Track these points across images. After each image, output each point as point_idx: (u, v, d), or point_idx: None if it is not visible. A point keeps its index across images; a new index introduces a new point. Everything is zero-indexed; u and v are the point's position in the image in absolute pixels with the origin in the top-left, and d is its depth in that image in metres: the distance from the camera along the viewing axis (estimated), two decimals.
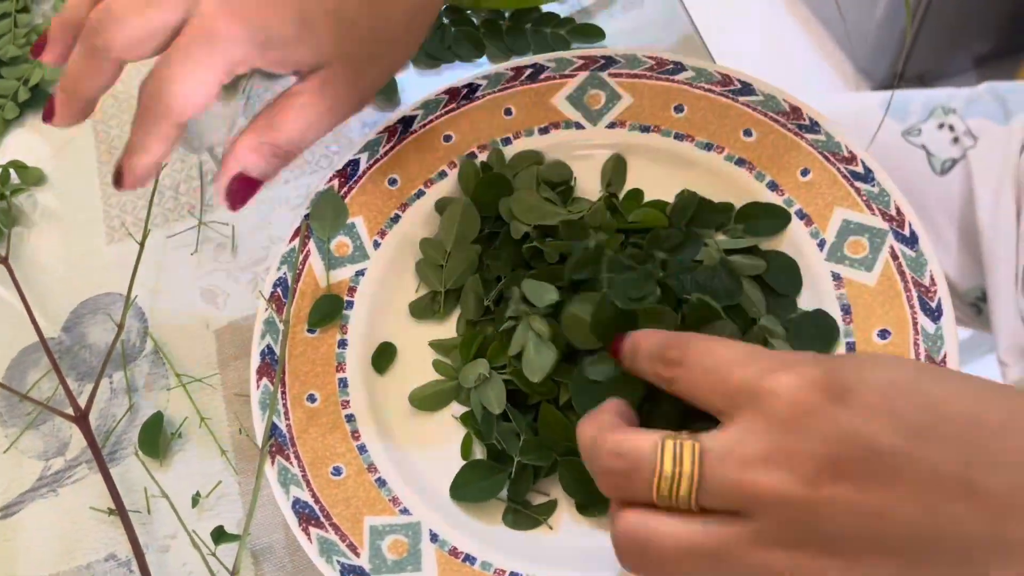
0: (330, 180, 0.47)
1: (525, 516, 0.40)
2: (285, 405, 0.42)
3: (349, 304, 0.45)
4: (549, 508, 0.41)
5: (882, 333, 0.40)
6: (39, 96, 0.57)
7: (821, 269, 0.42)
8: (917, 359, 0.38)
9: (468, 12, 0.56)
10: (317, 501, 0.40)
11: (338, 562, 0.39)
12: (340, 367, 0.44)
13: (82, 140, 0.56)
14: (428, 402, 0.43)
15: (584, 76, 0.49)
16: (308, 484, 0.41)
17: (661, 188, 0.46)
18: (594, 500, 0.40)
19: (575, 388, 0.40)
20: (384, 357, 0.44)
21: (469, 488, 0.41)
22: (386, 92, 0.54)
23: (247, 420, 0.46)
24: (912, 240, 0.41)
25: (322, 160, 0.53)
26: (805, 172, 0.44)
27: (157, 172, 0.38)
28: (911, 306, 0.39)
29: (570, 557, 0.39)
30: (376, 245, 0.46)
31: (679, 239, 0.43)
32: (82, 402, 0.47)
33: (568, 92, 0.49)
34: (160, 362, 0.48)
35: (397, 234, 0.47)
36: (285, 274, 0.45)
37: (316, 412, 0.42)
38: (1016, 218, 0.63)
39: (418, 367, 0.44)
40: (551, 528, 0.40)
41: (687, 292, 0.41)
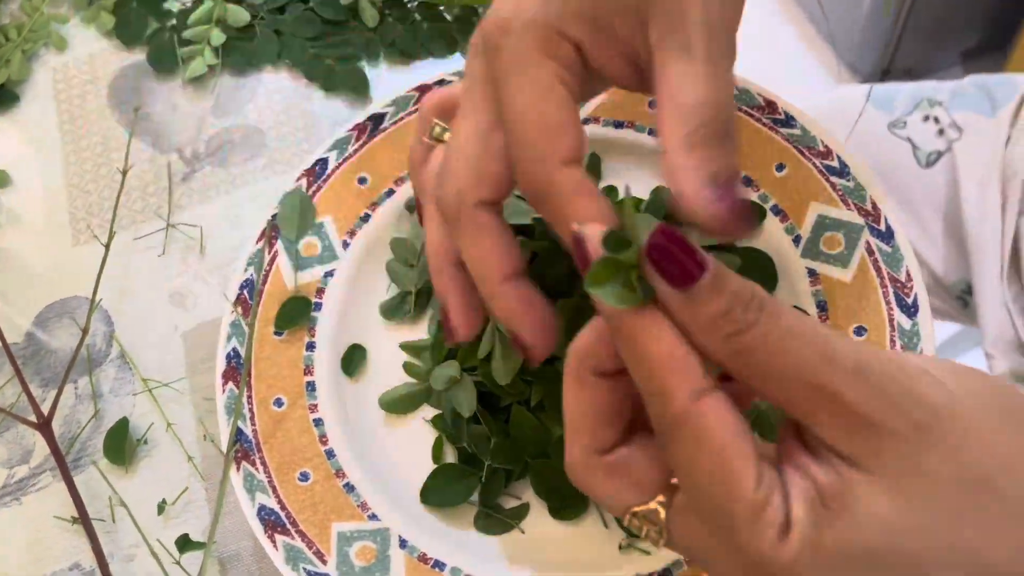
0: (298, 179, 0.46)
1: (496, 520, 0.39)
2: (251, 409, 0.41)
3: (318, 306, 0.44)
4: (521, 512, 0.40)
5: (858, 330, 0.39)
6: (4, 96, 0.56)
7: (797, 265, 0.41)
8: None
9: (441, 8, 0.55)
10: (283, 508, 0.39)
11: (305, 570, 0.38)
12: (308, 370, 0.43)
13: (48, 141, 0.54)
14: (398, 405, 0.43)
15: None
16: (274, 490, 0.40)
17: (636, 185, 0.46)
18: (567, 503, 0.39)
19: (547, 389, 0.40)
20: (353, 360, 0.43)
21: (439, 493, 0.40)
22: (357, 88, 0.54)
23: (214, 425, 0.45)
24: (888, 235, 0.40)
25: (293, 159, 0.52)
26: (780, 167, 0.43)
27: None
28: (887, 302, 0.39)
29: (543, 561, 0.39)
30: (345, 245, 0.45)
31: None
32: (46, 408, 0.46)
33: None
34: (126, 367, 0.47)
35: (367, 234, 0.46)
36: (252, 276, 0.44)
37: (283, 416, 0.41)
38: (1001, 210, 0.63)
39: (389, 370, 0.44)
40: (523, 532, 0.39)
41: None
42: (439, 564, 0.38)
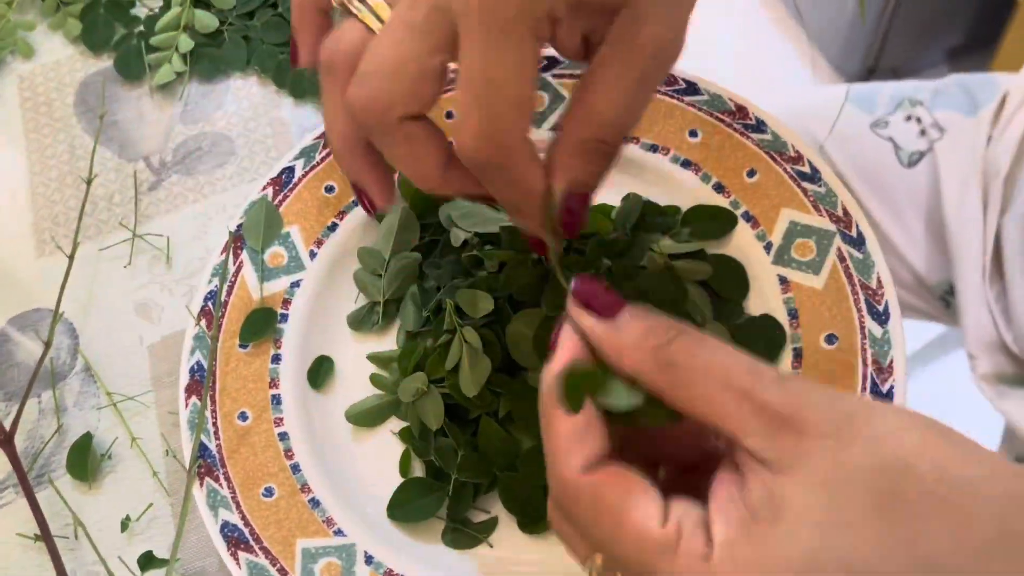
0: (264, 188, 0.46)
1: (465, 535, 0.39)
2: (215, 424, 0.41)
3: (284, 317, 0.43)
4: (490, 526, 0.39)
5: (829, 338, 0.38)
6: None
7: (768, 273, 0.41)
8: (864, 362, 0.37)
9: None
10: (247, 524, 0.39)
11: None
12: (273, 383, 0.42)
13: (13, 150, 0.54)
14: (365, 418, 0.42)
15: None
16: (238, 506, 0.39)
17: (607, 191, 0.45)
18: (536, 517, 0.39)
19: (514, 400, 0.39)
20: (320, 372, 0.43)
21: (407, 508, 0.39)
22: None
23: (179, 440, 0.44)
24: (859, 241, 0.39)
25: (262, 167, 0.51)
26: (751, 173, 0.43)
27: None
28: (858, 309, 0.38)
29: (512, 575, 0.38)
30: (312, 255, 0.45)
31: (624, 244, 0.42)
32: (8, 423, 0.45)
33: None
34: (91, 380, 0.46)
35: (334, 243, 0.45)
36: (216, 287, 0.44)
37: (247, 431, 0.41)
38: (983, 210, 0.62)
39: (356, 381, 0.43)
40: (492, 546, 0.39)
41: (630, 300, 0.39)
42: None
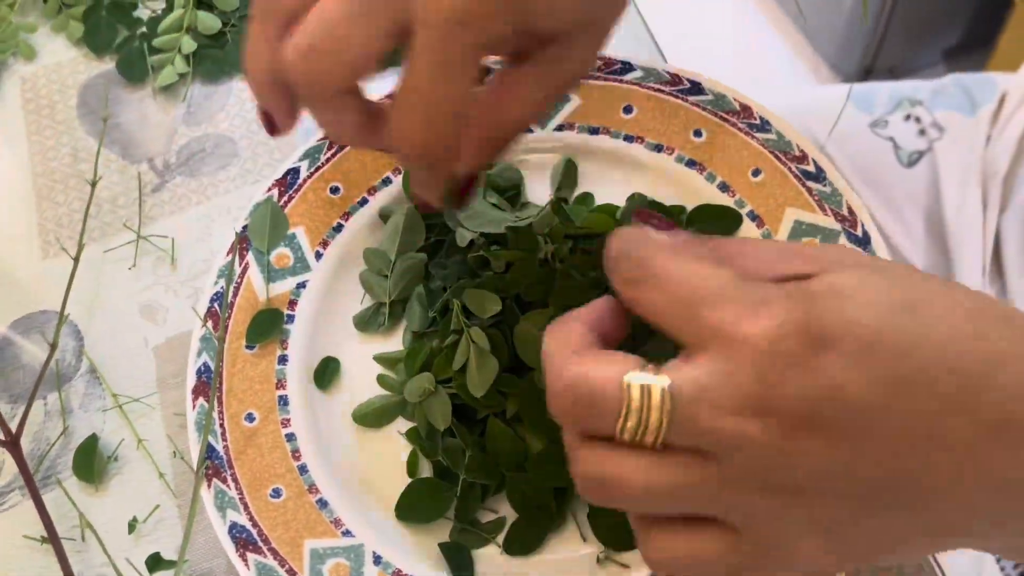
0: (269, 189, 0.46)
1: (473, 535, 0.39)
2: (222, 425, 0.41)
3: (290, 318, 0.43)
4: (498, 526, 0.39)
5: None
6: None
7: None
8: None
9: None
10: (255, 525, 0.39)
11: None
12: (280, 384, 0.42)
13: (16, 152, 0.54)
14: (372, 418, 0.42)
15: None
16: (246, 507, 0.39)
17: (612, 191, 0.45)
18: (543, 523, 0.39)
19: (523, 400, 0.39)
20: (327, 372, 0.43)
21: (415, 508, 0.39)
22: None
23: (185, 441, 0.44)
24: (864, 241, 0.40)
25: (265, 168, 0.51)
26: (756, 172, 0.43)
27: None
28: None
29: (520, 575, 0.38)
30: (318, 256, 0.45)
31: None
32: (14, 425, 0.45)
33: None
34: (96, 382, 0.46)
35: (340, 244, 0.45)
36: (223, 288, 0.44)
37: (254, 432, 0.41)
38: (982, 210, 0.63)
39: (363, 382, 0.43)
40: (500, 547, 0.39)
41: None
42: None
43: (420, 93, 0.28)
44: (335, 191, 0.46)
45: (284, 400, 0.42)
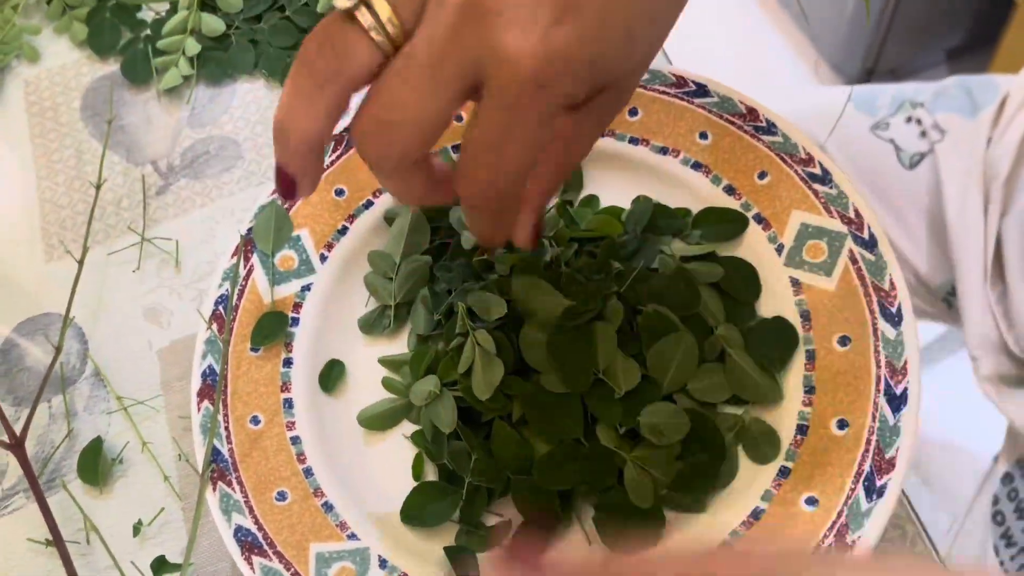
0: (273, 192, 0.46)
1: (479, 538, 0.39)
2: (227, 428, 0.41)
3: (295, 321, 0.43)
4: (504, 529, 0.39)
5: (842, 340, 0.38)
6: None
7: (780, 275, 0.41)
8: (878, 364, 0.37)
9: None
10: (260, 528, 0.39)
11: None
12: (285, 387, 0.42)
13: (20, 154, 0.54)
14: (377, 421, 0.42)
15: None
16: (251, 510, 0.39)
17: (617, 194, 0.45)
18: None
19: (528, 403, 0.39)
20: (332, 375, 0.43)
21: (420, 511, 0.39)
22: None
23: (190, 444, 0.44)
24: (871, 243, 0.39)
25: (269, 171, 0.51)
26: (762, 175, 0.43)
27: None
28: (871, 311, 0.38)
29: None
30: (323, 259, 0.45)
31: (634, 246, 0.42)
32: (19, 428, 0.45)
33: None
34: (101, 385, 0.46)
35: (345, 247, 0.45)
36: (227, 291, 0.43)
37: (260, 435, 0.41)
38: (984, 212, 0.63)
39: (368, 385, 0.43)
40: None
41: (643, 303, 0.40)
42: None
43: (494, 150, 0.28)
44: (340, 193, 0.46)
45: (289, 403, 0.41)
